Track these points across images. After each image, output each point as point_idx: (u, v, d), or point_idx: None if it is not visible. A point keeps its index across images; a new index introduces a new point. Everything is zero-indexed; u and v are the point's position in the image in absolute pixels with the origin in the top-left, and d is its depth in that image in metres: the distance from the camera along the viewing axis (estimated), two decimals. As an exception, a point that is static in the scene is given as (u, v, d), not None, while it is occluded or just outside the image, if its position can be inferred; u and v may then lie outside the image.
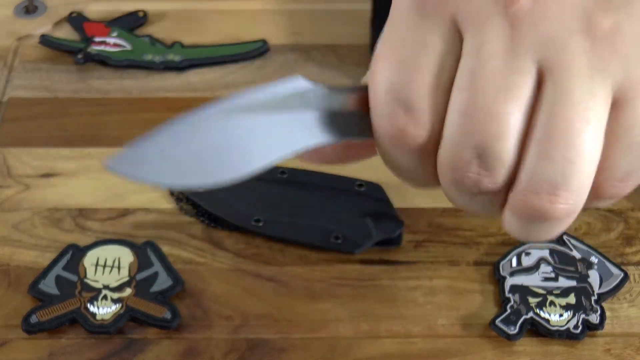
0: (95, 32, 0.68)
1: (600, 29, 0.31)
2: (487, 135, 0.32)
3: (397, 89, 0.33)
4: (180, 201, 0.57)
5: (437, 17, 0.33)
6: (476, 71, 0.32)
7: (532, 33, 0.31)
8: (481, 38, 0.32)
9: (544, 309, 0.50)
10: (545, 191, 0.32)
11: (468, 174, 0.33)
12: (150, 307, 0.50)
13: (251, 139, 0.34)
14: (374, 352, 0.49)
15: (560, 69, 0.31)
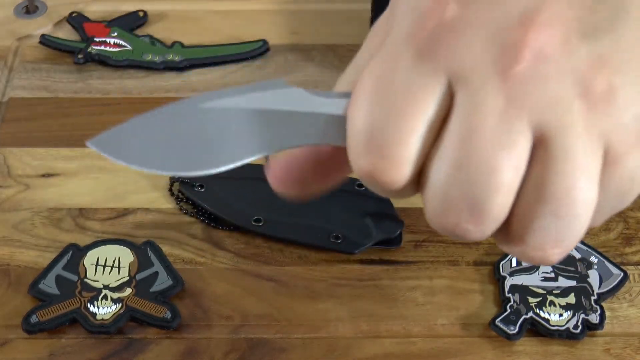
0: (95, 32, 0.68)
1: (595, 93, 0.32)
2: (482, 191, 0.32)
3: (375, 132, 0.33)
4: (180, 201, 0.57)
5: (432, 65, 0.32)
6: (473, 127, 0.32)
7: (530, 96, 0.32)
8: (479, 95, 0.32)
9: (544, 308, 0.50)
10: (549, 246, 0.33)
11: (458, 226, 0.33)
12: (150, 307, 0.50)
13: (232, 134, 0.35)
14: (374, 352, 0.49)
15: (561, 131, 0.32)
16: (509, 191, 0.32)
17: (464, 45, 0.32)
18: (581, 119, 0.32)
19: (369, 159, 0.33)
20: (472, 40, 0.32)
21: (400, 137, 0.32)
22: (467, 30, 0.32)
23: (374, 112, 0.33)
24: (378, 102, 0.33)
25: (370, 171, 0.33)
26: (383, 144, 0.32)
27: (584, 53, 0.32)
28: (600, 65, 0.32)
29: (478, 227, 0.33)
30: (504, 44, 0.32)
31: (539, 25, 0.32)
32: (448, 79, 0.32)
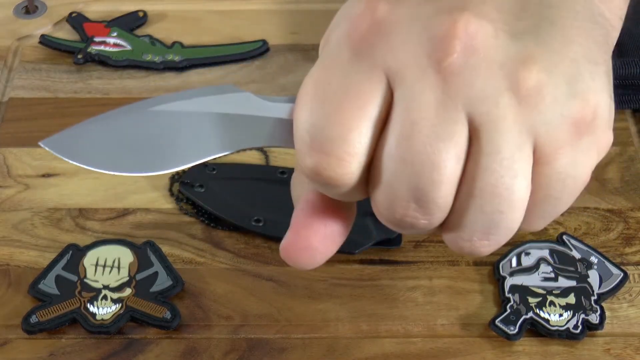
0: (95, 32, 0.68)
1: (524, 88, 0.33)
2: (426, 181, 0.33)
3: (317, 131, 0.33)
4: (180, 201, 0.57)
5: (369, 62, 0.33)
6: (413, 121, 0.33)
7: (463, 88, 0.33)
8: (416, 89, 0.33)
9: (544, 309, 0.50)
10: (476, 238, 0.35)
11: (405, 217, 0.34)
12: (150, 307, 0.50)
13: (182, 137, 0.36)
14: (373, 352, 0.49)
15: (490, 125, 0.32)
16: (451, 181, 0.33)
17: (397, 42, 0.33)
18: (510, 112, 0.33)
19: (314, 158, 0.33)
20: (405, 36, 0.33)
21: (341, 133, 0.33)
22: (398, 27, 0.33)
23: (314, 112, 0.33)
24: (318, 102, 0.33)
25: (316, 169, 0.34)
26: (325, 141, 0.33)
27: (512, 50, 0.33)
28: (530, 62, 0.33)
29: (426, 217, 0.34)
30: (435, 37, 0.33)
31: (468, 18, 0.33)
32: (386, 74, 0.33)
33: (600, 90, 0.34)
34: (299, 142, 0.34)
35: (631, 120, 0.62)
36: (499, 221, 0.34)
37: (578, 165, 0.34)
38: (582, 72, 0.34)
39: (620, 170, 0.59)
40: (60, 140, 0.38)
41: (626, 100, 0.62)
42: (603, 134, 0.35)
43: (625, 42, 0.62)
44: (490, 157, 0.33)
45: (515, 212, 0.34)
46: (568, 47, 0.34)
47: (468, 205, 0.34)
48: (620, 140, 0.61)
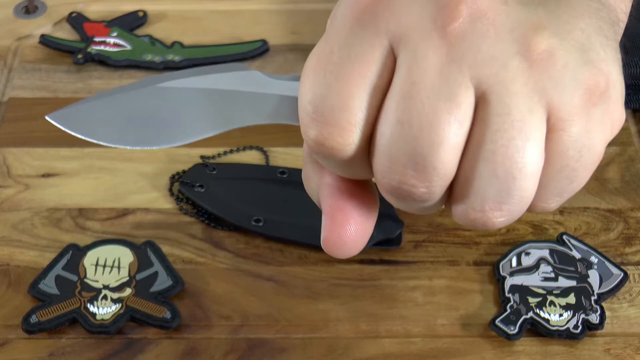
0: (95, 32, 0.68)
1: (535, 52, 0.32)
2: (424, 144, 0.32)
3: (319, 101, 0.33)
4: (180, 201, 0.57)
5: (371, 30, 0.33)
6: (413, 82, 0.32)
7: (470, 52, 0.32)
8: (418, 52, 0.32)
9: (544, 308, 0.50)
10: (488, 207, 0.33)
11: (403, 184, 0.33)
12: (150, 307, 0.50)
13: (190, 113, 0.36)
14: (373, 352, 0.49)
15: (500, 87, 0.32)
16: (452, 146, 0.32)
17: (401, 8, 0.33)
18: (520, 75, 0.32)
19: (316, 128, 0.33)
20: (410, 1, 0.33)
21: (342, 102, 0.32)
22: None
23: (317, 82, 0.33)
24: (321, 73, 0.33)
25: (318, 140, 0.33)
26: (327, 111, 0.33)
27: (522, 15, 0.32)
28: (540, 27, 0.32)
29: (424, 184, 0.33)
30: (441, 2, 0.32)
31: None
32: (389, 41, 0.33)
33: (612, 62, 0.34)
34: (302, 113, 0.34)
35: (631, 120, 0.62)
36: (511, 187, 0.32)
37: (593, 135, 0.33)
38: (593, 42, 0.33)
39: (620, 170, 0.59)
40: (67, 114, 0.37)
41: (626, 100, 0.62)
42: (615, 106, 0.34)
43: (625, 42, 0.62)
44: (500, 117, 0.32)
45: (528, 179, 0.32)
46: (578, 19, 0.33)
47: (478, 171, 0.32)
48: (620, 140, 0.61)
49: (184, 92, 0.36)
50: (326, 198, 0.37)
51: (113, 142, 0.37)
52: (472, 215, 0.33)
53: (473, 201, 0.33)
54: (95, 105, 0.37)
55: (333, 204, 0.37)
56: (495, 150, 0.32)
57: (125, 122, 0.37)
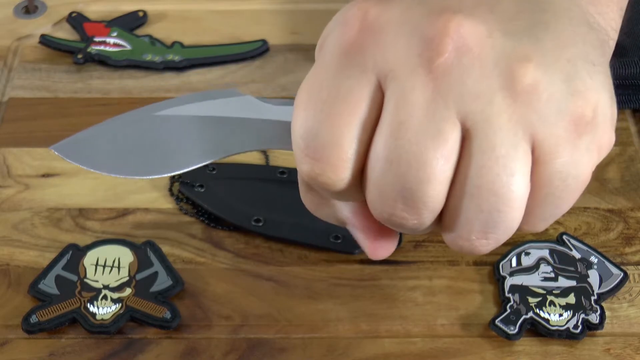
0: (95, 32, 0.68)
1: (520, 85, 0.32)
2: (412, 181, 0.33)
3: (310, 137, 0.34)
4: (180, 201, 0.57)
5: (359, 66, 0.33)
6: (401, 119, 0.32)
7: (456, 87, 0.32)
8: (405, 88, 0.32)
9: (544, 308, 0.50)
10: (475, 237, 0.34)
11: (394, 216, 0.34)
12: (150, 307, 0.50)
13: (187, 140, 0.37)
14: (373, 352, 0.49)
15: (485, 124, 0.32)
16: (440, 181, 0.33)
17: (388, 43, 0.33)
18: (505, 111, 0.32)
19: (309, 164, 0.34)
20: (396, 36, 0.33)
21: (333, 139, 0.33)
22: (389, 28, 0.33)
23: (308, 119, 0.34)
24: (311, 109, 0.34)
25: (311, 174, 0.34)
26: (318, 147, 0.34)
27: (507, 48, 0.33)
28: (525, 59, 0.32)
29: (414, 217, 0.34)
30: (427, 37, 0.33)
31: (461, 18, 0.33)
32: (377, 76, 0.33)
33: (600, 89, 0.34)
34: (295, 148, 0.35)
35: (631, 120, 0.62)
36: (497, 220, 0.33)
37: (579, 164, 0.33)
38: (579, 70, 0.33)
39: (620, 170, 0.59)
40: (69, 145, 0.39)
41: (626, 100, 0.62)
42: (604, 132, 0.34)
43: (625, 42, 0.62)
44: (485, 154, 0.32)
45: (513, 211, 0.33)
46: (563, 49, 0.34)
47: (464, 205, 0.33)
48: (620, 140, 0.60)
49: (180, 120, 0.37)
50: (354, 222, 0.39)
51: (114, 172, 0.38)
52: (459, 242, 0.35)
53: (461, 231, 0.34)
54: (95, 136, 0.38)
55: (365, 226, 0.38)
56: (480, 186, 0.33)
57: (126, 152, 0.37)
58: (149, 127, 0.37)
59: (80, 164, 0.38)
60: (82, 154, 0.38)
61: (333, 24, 0.35)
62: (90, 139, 0.38)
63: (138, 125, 0.37)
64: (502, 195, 0.33)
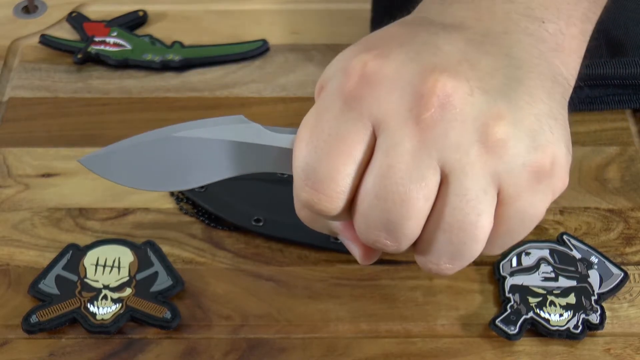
0: (95, 32, 0.68)
1: (492, 140, 0.38)
2: (396, 216, 0.39)
3: (310, 172, 0.39)
4: (180, 201, 0.57)
5: (356, 113, 0.39)
6: (390, 163, 0.38)
7: (439, 139, 0.38)
8: (396, 137, 0.38)
9: (544, 308, 0.50)
10: (442, 262, 0.41)
11: (377, 242, 0.40)
12: (150, 307, 0.50)
13: (200, 160, 0.42)
14: (374, 352, 0.49)
15: (460, 172, 0.38)
16: (419, 217, 0.39)
17: (382, 95, 0.38)
18: (478, 161, 0.38)
19: (307, 193, 0.40)
20: (390, 90, 0.38)
21: (330, 175, 0.39)
22: (385, 82, 0.39)
23: (308, 154, 0.39)
24: (312, 146, 0.39)
25: (308, 203, 0.40)
26: (317, 181, 0.39)
27: (485, 105, 0.38)
28: (498, 118, 0.38)
29: (394, 244, 0.40)
30: (417, 93, 0.38)
31: (447, 78, 0.38)
32: (371, 123, 0.39)
33: (558, 142, 0.40)
34: (296, 177, 0.40)
35: (631, 120, 0.62)
36: (463, 251, 0.39)
37: (536, 205, 0.40)
38: (543, 126, 0.39)
39: (620, 170, 0.59)
40: (96, 159, 0.44)
41: (626, 100, 0.62)
42: (559, 179, 0.40)
43: (625, 42, 0.62)
44: (458, 197, 0.38)
45: (478, 244, 0.39)
46: (533, 105, 0.39)
47: (437, 237, 0.39)
48: (620, 140, 0.61)
49: (195, 142, 0.42)
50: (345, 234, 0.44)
51: (136, 186, 0.44)
52: (429, 266, 0.41)
53: (431, 257, 0.41)
54: (120, 152, 0.43)
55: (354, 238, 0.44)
56: (452, 223, 0.39)
57: (146, 168, 0.43)
58: (167, 147, 0.42)
59: (107, 178, 0.44)
60: (108, 168, 0.44)
61: (334, 69, 0.41)
62: (115, 154, 0.43)
63: (157, 145, 0.42)
64: (470, 232, 0.39)
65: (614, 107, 0.62)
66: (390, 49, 0.40)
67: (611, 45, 0.62)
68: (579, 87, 0.62)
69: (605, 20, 0.64)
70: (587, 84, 0.61)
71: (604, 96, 0.62)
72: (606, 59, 0.61)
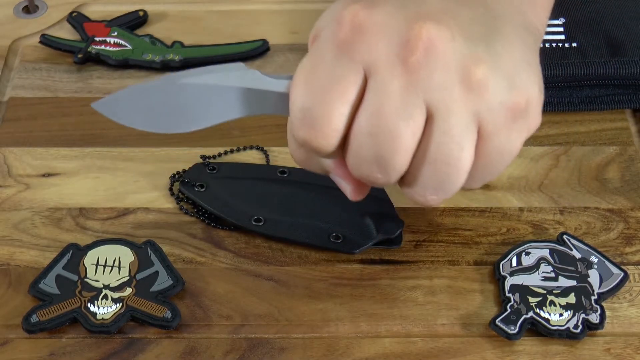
0: (96, 31, 0.68)
1: (472, 80, 0.42)
2: (387, 150, 0.42)
3: (307, 112, 0.42)
4: (181, 201, 0.57)
5: (349, 58, 0.42)
6: (381, 102, 0.42)
7: (424, 80, 0.41)
8: (384, 78, 0.42)
9: (544, 308, 0.50)
10: (428, 193, 0.44)
11: (369, 176, 0.44)
12: (151, 306, 0.50)
13: (203, 104, 0.45)
14: (374, 352, 0.49)
15: (445, 110, 0.42)
16: (407, 151, 0.42)
17: (372, 42, 0.42)
18: (460, 100, 0.42)
19: (304, 131, 0.43)
20: (379, 37, 0.42)
21: (325, 114, 0.42)
22: (375, 30, 0.42)
23: (305, 96, 0.42)
24: (308, 88, 0.42)
25: (305, 140, 0.43)
26: (313, 120, 0.42)
27: (466, 50, 0.42)
28: (478, 61, 0.42)
29: (385, 177, 0.43)
30: (404, 39, 0.42)
31: (431, 24, 0.42)
32: (363, 68, 0.42)
33: (532, 84, 0.44)
34: (293, 118, 0.43)
35: (631, 120, 0.62)
36: (447, 182, 0.43)
37: (512, 141, 0.44)
38: (518, 70, 0.43)
39: (620, 170, 0.59)
40: (106, 103, 0.48)
41: (626, 100, 0.62)
42: (533, 118, 0.44)
43: (625, 42, 0.62)
44: (442, 133, 0.42)
45: (460, 176, 0.43)
46: (509, 51, 0.43)
47: (423, 170, 0.43)
48: (620, 140, 0.61)
49: (199, 88, 0.45)
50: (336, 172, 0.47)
51: (146, 128, 0.47)
52: (415, 197, 0.45)
53: (418, 188, 0.44)
54: (129, 97, 0.47)
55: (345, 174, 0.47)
56: (437, 157, 0.42)
57: (152, 111, 0.46)
58: (174, 91, 0.45)
59: (117, 120, 0.47)
60: (117, 111, 0.47)
61: (326, 19, 0.44)
62: (124, 98, 0.47)
63: (164, 90, 0.46)
64: (453, 165, 0.43)
65: (614, 107, 0.62)
66: (375, 2, 0.43)
67: (611, 45, 0.62)
68: (579, 87, 0.62)
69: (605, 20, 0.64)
70: (587, 84, 0.62)
71: (604, 96, 0.62)
72: (606, 59, 0.61)
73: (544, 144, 0.60)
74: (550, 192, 0.57)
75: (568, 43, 0.63)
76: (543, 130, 0.61)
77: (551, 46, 0.62)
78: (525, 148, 0.59)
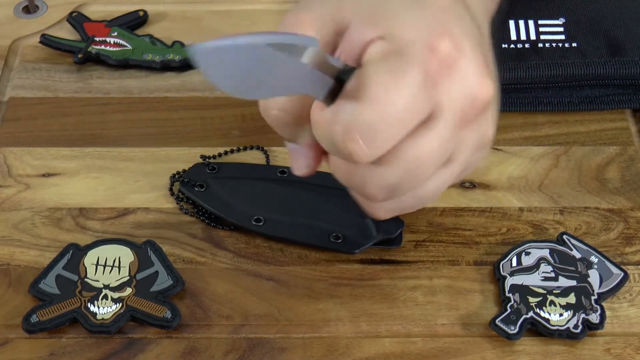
0: (96, 31, 0.68)
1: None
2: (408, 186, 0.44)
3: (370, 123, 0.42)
4: (181, 201, 0.57)
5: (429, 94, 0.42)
6: (430, 146, 0.43)
7: (466, 139, 0.44)
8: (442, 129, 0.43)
9: (544, 308, 0.50)
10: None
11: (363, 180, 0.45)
12: (151, 306, 0.50)
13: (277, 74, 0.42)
14: (374, 351, 0.49)
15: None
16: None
17: (453, 90, 0.43)
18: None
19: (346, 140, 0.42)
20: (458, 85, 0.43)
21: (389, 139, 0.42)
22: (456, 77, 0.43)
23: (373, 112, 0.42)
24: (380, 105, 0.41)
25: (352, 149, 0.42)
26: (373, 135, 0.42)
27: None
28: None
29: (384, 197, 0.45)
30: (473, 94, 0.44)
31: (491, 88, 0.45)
32: (434, 106, 0.43)
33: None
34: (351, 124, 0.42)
35: (631, 120, 0.62)
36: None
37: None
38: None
39: (620, 170, 0.59)
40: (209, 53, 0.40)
41: (626, 100, 0.62)
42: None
43: (625, 42, 0.62)
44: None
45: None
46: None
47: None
48: (620, 140, 0.61)
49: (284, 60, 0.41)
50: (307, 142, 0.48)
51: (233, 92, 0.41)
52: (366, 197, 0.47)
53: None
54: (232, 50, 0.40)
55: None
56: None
57: (244, 73, 0.41)
58: (265, 55, 0.40)
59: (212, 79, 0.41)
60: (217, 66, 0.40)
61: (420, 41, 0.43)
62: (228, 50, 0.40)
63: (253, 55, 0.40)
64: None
65: (614, 107, 0.62)
66: (462, 40, 0.44)
67: (611, 46, 0.62)
68: (579, 87, 0.62)
69: (605, 20, 0.64)
70: (587, 84, 0.62)
71: (604, 96, 0.62)
72: (606, 59, 0.61)
73: (544, 144, 0.60)
74: (550, 192, 0.57)
75: (568, 43, 0.62)
76: (543, 130, 0.61)
77: (551, 46, 0.62)
78: (525, 148, 0.59)
